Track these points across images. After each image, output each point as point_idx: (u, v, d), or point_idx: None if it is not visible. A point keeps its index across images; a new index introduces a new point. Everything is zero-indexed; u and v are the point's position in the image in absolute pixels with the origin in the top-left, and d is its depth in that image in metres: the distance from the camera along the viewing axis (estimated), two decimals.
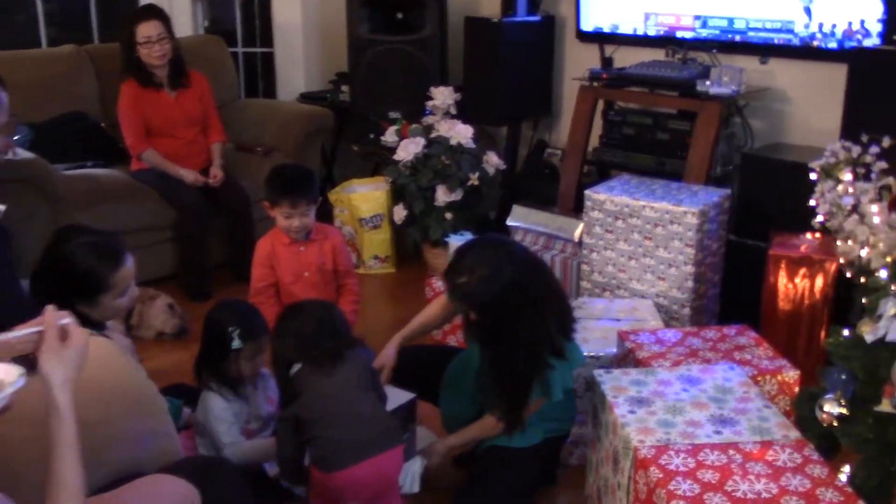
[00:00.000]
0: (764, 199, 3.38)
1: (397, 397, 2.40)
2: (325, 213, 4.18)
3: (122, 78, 4.04)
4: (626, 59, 4.06)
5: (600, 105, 4.04)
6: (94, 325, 2.15)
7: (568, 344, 2.29)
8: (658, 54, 3.97)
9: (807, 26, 3.55)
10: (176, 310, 3.56)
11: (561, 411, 2.44)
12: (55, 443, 1.39)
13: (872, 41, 3.35)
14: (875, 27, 3.35)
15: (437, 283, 3.43)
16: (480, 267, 2.19)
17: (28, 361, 1.73)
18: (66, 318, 1.48)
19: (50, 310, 1.48)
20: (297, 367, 2.16)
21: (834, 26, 3.47)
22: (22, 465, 1.59)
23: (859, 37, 3.40)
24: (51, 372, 1.43)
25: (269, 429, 2.55)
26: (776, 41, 3.68)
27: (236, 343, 2.42)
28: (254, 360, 2.48)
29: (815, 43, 3.55)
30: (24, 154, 3.61)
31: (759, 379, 2.37)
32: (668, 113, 3.88)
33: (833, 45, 3.49)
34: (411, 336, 2.61)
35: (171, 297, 3.61)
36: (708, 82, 3.61)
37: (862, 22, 3.39)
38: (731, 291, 3.38)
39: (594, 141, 4.07)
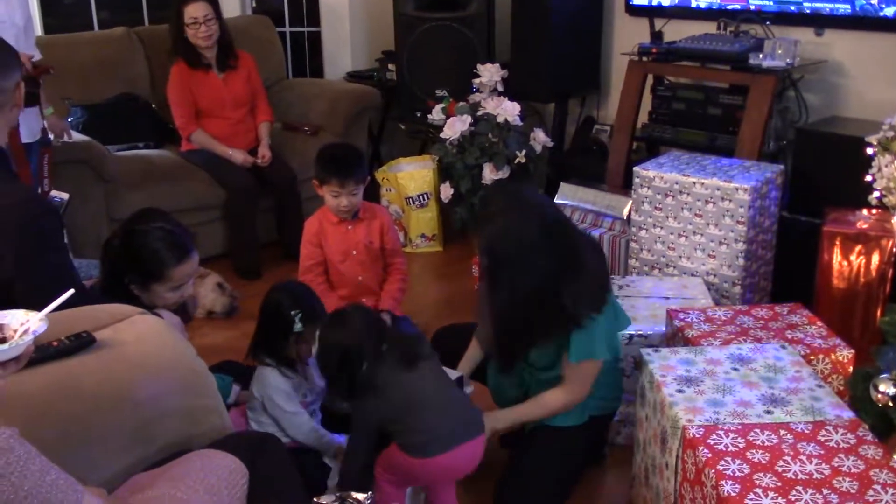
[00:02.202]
0: (819, 175, 3.30)
1: None
2: (372, 192, 4.20)
3: (171, 59, 4.09)
4: (676, 32, 3.98)
5: (649, 80, 3.98)
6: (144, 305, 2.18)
7: (607, 307, 2.26)
8: (709, 27, 3.89)
9: None
10: (226, 288, 3.61)
11: (607, 389, 2.43)
12: None
13: None
14: None
15: None
16: (506, 212, 2.19)
17: (87, 338, 1.77)
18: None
19: None
20: (366, 364, 2.14)
21: None
22: (73, 440, 1.63)
23: None
24: None
25: (319, 401, 2.60)
26: (832, 11, 3.57)
27: (298, 326, 2.44)
28: (311, 342, 2.51)
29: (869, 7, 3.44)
30: (77, 136, 3.68)
31: (811, 358, 2.32)
32: (719, 87, 3.81)
33: (892, 12, 3.38)
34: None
35: (220, 275, 3.65)
36: (761, 55, 3.53)
37: None
38: (783, 269, 3.32)
39: (643, 117, 4.01)
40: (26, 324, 1.44)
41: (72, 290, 1.54)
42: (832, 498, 1.65)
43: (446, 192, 4.09)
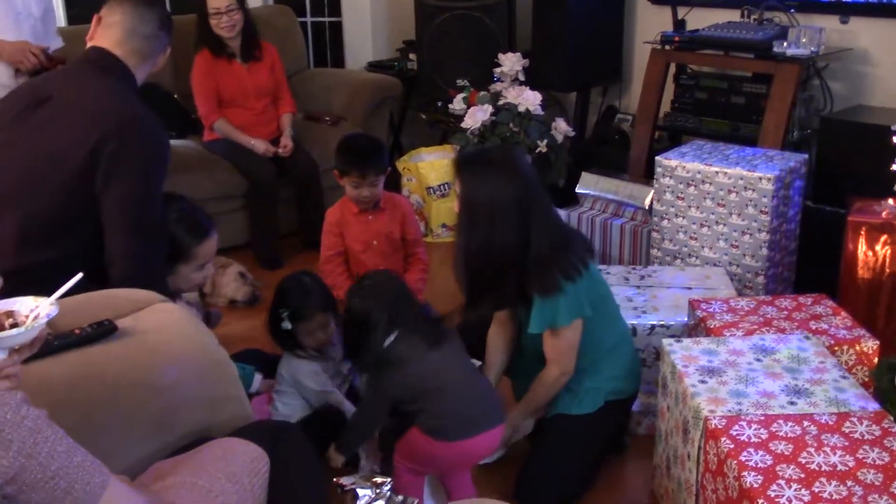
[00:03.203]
0: (843, 164, 3.26)
1: None
2: (393, 182, 4.19)
3: (195, 48, 4.10)
4: (699, 20, 3.95)
5: (672, 69, 3.95)
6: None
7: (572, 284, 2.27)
8: (733, 15, 3.85)
9: None
10: (248, 278, 3.63)
11: (619, 370, 2.44)
12: None
13: None
14: None
15: None
16: (494, 168, 2.26)
17: (108, 326, 1.78)
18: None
19: None
20: (392, 336, 2.13)
21: None
22: (95, 427, 1.64)
23: None
24: None
25: (348, 385, 2.62)
26: None
27: (286, 324, 2.47)
28: (313, 335, 2.52)
29: None
30: None
31: (836, 349, 2.30)
32: (742, 76, 3.77)
33: None
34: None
35: (242, 265, 3.67)
36: (785, 43, 3.49)
37: None
38: (807, 259, 3.29)
39: (665, 106, 3.98)
40: (36, 309, 1.45)
41: (80, 275, 1.56)
42: (856, 490, 1.64)
43: None
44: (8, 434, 1.17)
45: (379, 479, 2.17)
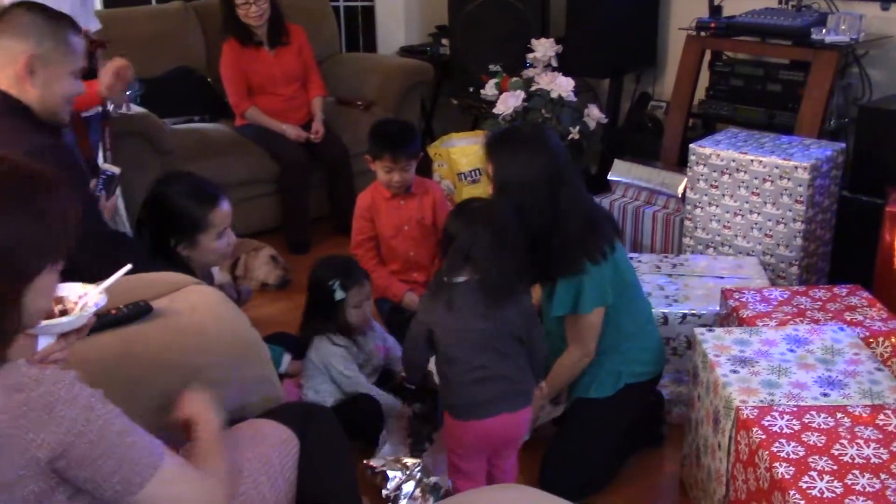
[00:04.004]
0: (881, 154, 3.21)
1: None
2: (424, 167, 4.19)
3: (222, 38, 4.11)
4: (735, 6, 3.89)
5: (707, 56, 3.90)
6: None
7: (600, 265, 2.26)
8: (770, 1, 3.79)
9: None
10: (279, 261, 3.65)
11: (638, 353, 2.43)
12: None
13: None
14: None
15: None
16: (525, 145, 2.27)
17: (144, 306, 1.81)
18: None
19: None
20: (461, 277, 2.05)
21: None
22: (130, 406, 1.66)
23: None
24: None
25: (376, 376, 2.64)
26: None
27: (339, 294, 2.50)
28: (361, 307, 2.56)
29: None
30: (136, 109, 3.73)
31: (871, 341, 2.27)
32: (779, 63, 3.72)
33: None
34: None
35: (274, 248, 3.69)
36: (824, 30, 3.44)
37: None
38: (842, 250, 3.25)
39: (700, 93, 3.94)
40: (84, 297, 1.48)
41: (129, 266, 1.57)
42: (890, 483, 1.62)
43: None
44: (61, 411, 1.19)
45: (409, 462, 2.18)
